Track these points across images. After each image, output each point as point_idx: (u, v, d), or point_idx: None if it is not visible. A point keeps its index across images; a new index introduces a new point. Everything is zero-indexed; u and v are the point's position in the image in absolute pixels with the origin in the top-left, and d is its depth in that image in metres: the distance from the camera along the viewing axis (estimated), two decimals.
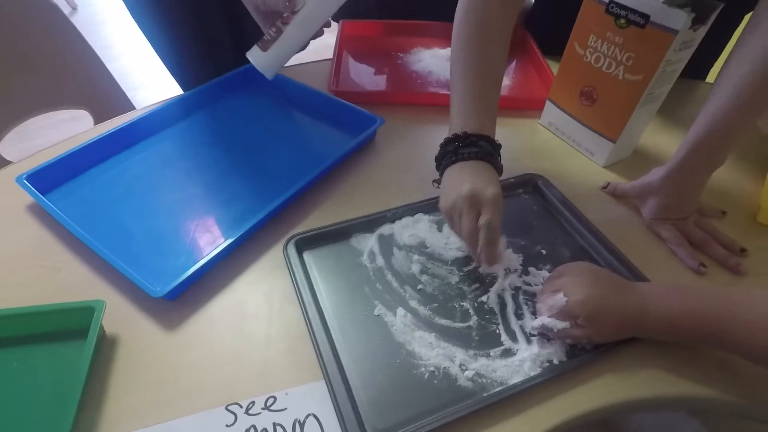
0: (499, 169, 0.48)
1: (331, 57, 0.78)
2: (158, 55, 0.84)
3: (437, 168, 0.50)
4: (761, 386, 0.40)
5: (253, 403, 0.37)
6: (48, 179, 0.55)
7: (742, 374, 0.41)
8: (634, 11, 0.51)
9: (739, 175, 0.62)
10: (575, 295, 0.40)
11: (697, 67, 0.71)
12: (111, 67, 0.94)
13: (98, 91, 1.02)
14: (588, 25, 0.57)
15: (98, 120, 0.91)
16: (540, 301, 0.44)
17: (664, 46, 0.51)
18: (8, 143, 0.81)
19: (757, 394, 0.40)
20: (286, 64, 0.65)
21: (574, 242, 0.52)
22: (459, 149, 0.47)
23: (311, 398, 0.38)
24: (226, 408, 0.37)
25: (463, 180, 0.45)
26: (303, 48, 0.64)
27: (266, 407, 0.37)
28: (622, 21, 0.53)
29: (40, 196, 0.51)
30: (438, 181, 0.50)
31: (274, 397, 0.38)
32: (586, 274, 0.43)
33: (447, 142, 0.49)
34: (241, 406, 0.37)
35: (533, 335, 0.43)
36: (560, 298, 0.41)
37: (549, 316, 0.41)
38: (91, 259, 0.48)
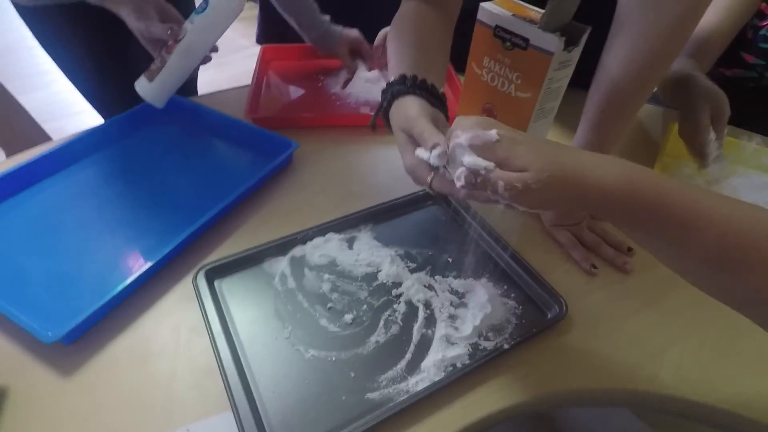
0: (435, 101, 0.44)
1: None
2: (78, 88, 0.81)
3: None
4: (668, 379, 0.44)
5: None
6: None
7: (635, 365, 0.45)
8: (516, 35, 0.56)
9: None
10: (509, 132, 0.34)
11: (590, 79, 0.77)
12: (47, 92, 0.89)
13: (8, 125, 0.97)
14: (481, 47, 0.62)
15: (10, 155, 0.86)
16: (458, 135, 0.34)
17: (544, 66, 0.55)
18: None
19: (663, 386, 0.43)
20: (200, 93, 0.64)
21: (479, 249, 0.54)
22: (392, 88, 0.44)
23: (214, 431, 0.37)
24: None
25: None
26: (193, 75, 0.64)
27: None
28: (508, 44, 0.57)
29: None
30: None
31: None
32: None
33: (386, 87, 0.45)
34: None
35: (462, 186, 0.34)
36: (490, 133, 0.33)
37: (470, 157, 0.33)
38: None
